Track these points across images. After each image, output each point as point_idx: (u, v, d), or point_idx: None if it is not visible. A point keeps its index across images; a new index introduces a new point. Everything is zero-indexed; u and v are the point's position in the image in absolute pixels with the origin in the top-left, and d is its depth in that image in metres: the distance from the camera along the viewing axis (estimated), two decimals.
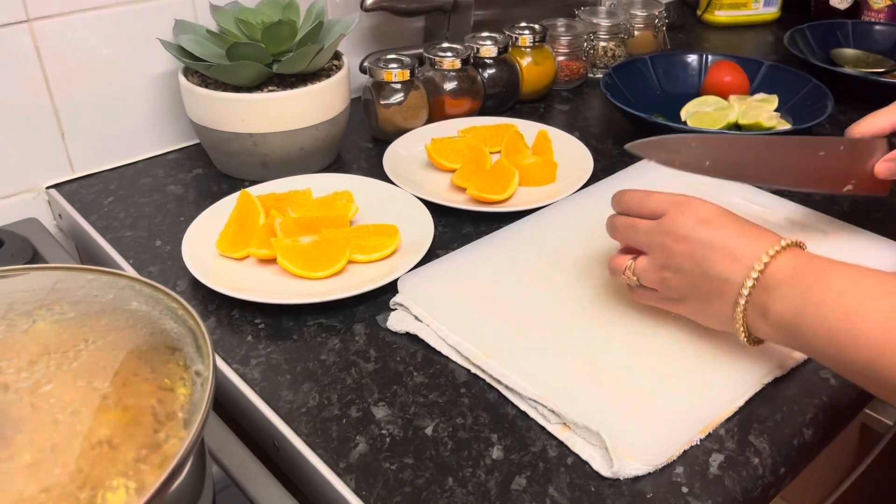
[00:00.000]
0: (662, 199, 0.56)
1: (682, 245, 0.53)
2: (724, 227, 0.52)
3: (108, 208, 0.78)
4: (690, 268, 0.52)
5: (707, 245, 0.52)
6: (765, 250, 0.50)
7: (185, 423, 0.36)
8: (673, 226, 0.53)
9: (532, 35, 0.98)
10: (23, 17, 0.74)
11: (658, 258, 0.54)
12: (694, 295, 0.54)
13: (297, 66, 0.78)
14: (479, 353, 0.57)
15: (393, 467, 0.50)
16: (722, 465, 0.49)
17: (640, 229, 0.56)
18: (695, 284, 0.53)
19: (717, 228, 0.52)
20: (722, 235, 0.52)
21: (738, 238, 0.51)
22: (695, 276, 0.52)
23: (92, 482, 0.33)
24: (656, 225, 0.54)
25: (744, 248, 0.51)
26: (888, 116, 0.62)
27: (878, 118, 0.62)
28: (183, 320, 0.43)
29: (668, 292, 0.55)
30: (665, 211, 0.55)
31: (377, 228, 0.69)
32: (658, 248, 0.54)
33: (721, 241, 0.52)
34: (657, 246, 0.54)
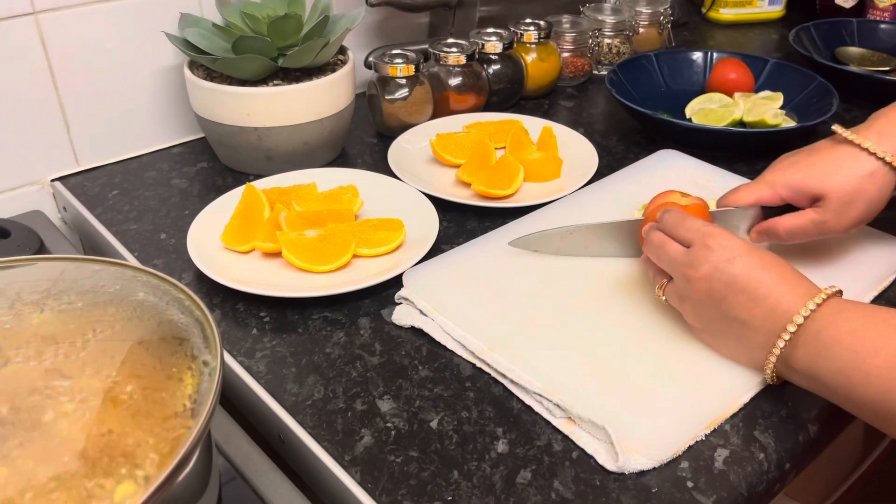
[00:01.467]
0: (693, 228, 0.55)
1: (704, 283, 0.52)
2: (748, 268, 0.51)
3: (113, 201, 0.78)
4: (710, 305, 0.53)
5: (728, 285, 0.51)
6: (796, 301, 0.49)
7: (192, 413, 0.36)
8: (697, 259, 0.53)
9: (537, 31, 0.98)
10: (29, 10, 0.74)
11: (680, 288, 0.55)
12: (711, 330, 0.54)
13: (302, 60, 0.78)
14: (483, 348, 0.57)
15: (398, 460, 0.50)
16: (727, 460, 0.49)
17: (668, 253, 0.56)
18: (712, 320, 0.53)
19: (740, 269, 0.51)
20: (745, 277, 0.51)
21: (762, 282, 0.51)
22: (713, 313, 0.53)
23: (101, 471, 0.33)
24: (683, 255, 0.54)
25: (766, 291, 0.50)
26: (752, 193, 0.63)
27: (743, 194, 0.63)
28: (190, 311, 0.43)
29: (689, 320, 0.56)
30: (693, 241, 0.54)
31: (382, 223, 0.69)
32: (681, 279, 0.54)
33: (744, 283, 0.51)
34: (680, 276, 0.54)
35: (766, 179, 0.63)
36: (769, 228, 0.62)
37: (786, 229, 0.61)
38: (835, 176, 0.59)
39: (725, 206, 0.64)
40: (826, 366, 0.47)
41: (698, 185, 0.77)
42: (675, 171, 0.80)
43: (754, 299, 0.51)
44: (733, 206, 0.63)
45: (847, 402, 0.47)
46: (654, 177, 0.78)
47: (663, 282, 0.57)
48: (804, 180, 0.60)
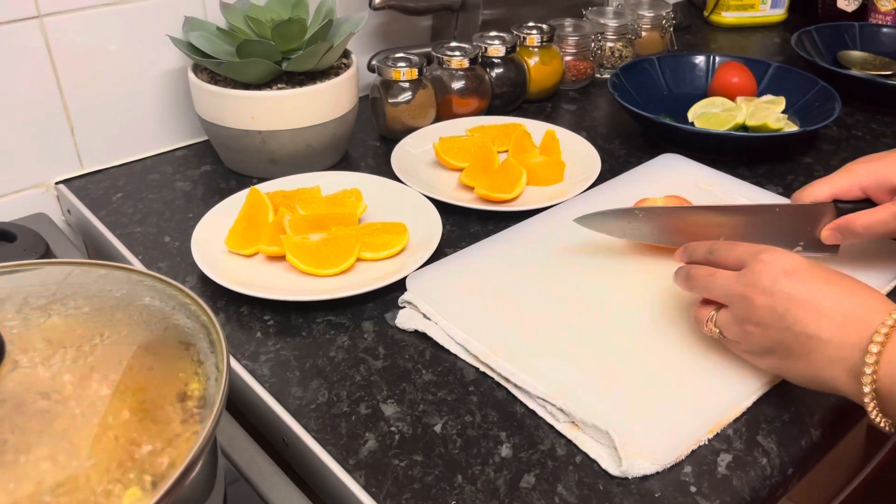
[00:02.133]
0: (745, 250, 0.53)
1: (765, 298, 0.50)
2: (810, 279, 0.49)
3: (117, 204, 0.78)
4: (772, 322, 0.49)
5: (791, 298, 0.49)
6: (870, 311, 0.46)
7: (199, 418, 0.37)
8: (755, 277, 0.50)
9: (540, 35, 0.98)
10: (34, 13, 0.75)
11: (738, 311, 0.52)
12: (778, 351, 0.50)
13: (306, 64, 0.78)
14: (487, 352, 0.57)
15: (402, 464, 0.50)
16: (730, 464, 0.50)
17: (720, 280, 0.53)
18: (778, 340, 0.50)
19: (801, 281, 0.49)
20: (807, 289, 0.49)
21: (828, 293, 0.48)
22: (778, 331, 0.49)
23: (108, 475, 0.33)
24: (737, 276, 0.52)
25: (833, 302, 0.48)
26: (829, 186, 0.60)
27: (818, 187, 0.61)
28: (196, 315, 0.43)
29: (751, 346, 0.52)
30: (746, 262, 0.52)
31: (385, 226, 0.70)
32: (739, 301, 0.51)
33: (806, 295, 0.49)
34: (738, 298, 0.51)
35: (844, 171, 0.60)
36: (845, 225, 0.59)
37: (864, 224, 0.58)
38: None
39: (799, 200, 0.61)
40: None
41: (701, 189, 0.77)
42: (677, 175, 0.80)
43: (820, 310, 0.48)
44: (809, 201, 0.60)
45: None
46: (657, 181, 0.79)
47: (712, 314, 0.54)
48: (886, 172, 0.58)
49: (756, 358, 0.53)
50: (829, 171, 0.84)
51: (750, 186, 0.78)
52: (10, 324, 0.39)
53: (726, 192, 0.77)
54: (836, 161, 0.87)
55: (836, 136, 0.93)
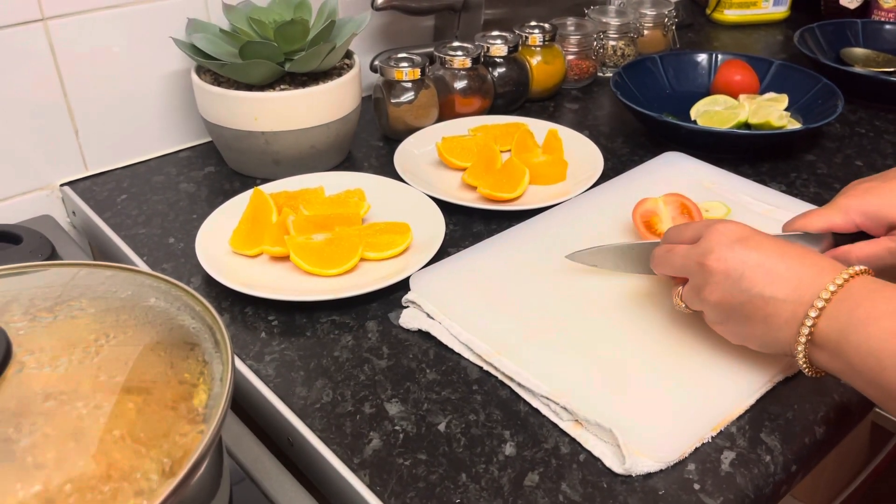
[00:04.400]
0: (697, 225, 0.55)
1: (719, 264, 0.51)
2: (762, 246, 0.51)
3: (122, 206, 0.79)
4: (728, 287, 0.51)
5: (745, 263, 0.50)
6: (823, 274, 0.48)
7: (205, 418, 0.37)
8: (708, 245, 0.52)
9: (542, 34, 0.98)
10: (38, 16, 0.75)
11: (696, 280, 0.53)
12: (734, 316, 0.52)
13: (309, 64, 0.78)
14: (490, 351, 0.57)
15: (406, 463, 0.50)
16: (734, 462, 0.50)
17: (677, 253, 0.55)
18: (736, 304, 0.51)
19: (753, 248, 0.51)
20: (759, 255, 0.50)
21: (782, 258, 0.50)
22: (734, 295, 0.51)
23: (115, 475, 0.33)
24: (692, 248, 0.54)
25: (786, 266, 0.49)
26: (823, 220, 0.59)
27: (813, 220, 0.59)
28: (200, 316, 0.43)
29: (711, 314, 0.53)
30: (700, 233, 0.54)
31: (389, 226, 0.70)
32: (695, 270, 0.53)
33: (758, 259, 0.50)
34: (694, 268, 0.53)
35: (839, 205, 0.59)
36: (840, 256, 0.58)
37: (859, 258, 0.57)
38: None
39: (793, 230, 0.61)
40: (857, 344, 0.45)
41: (703, 187, 0.77)
42: (680, 174, 0.80)
43: (774, 273, 0.49)
44: (802, 230, 0.60)
45: (872, 386, 0.45)
46: (660, 179, 0.79)
47: (679, 289, 0.56)
48: (880, 206, 0.57)
49: (719, 326, 0.54)
50: (833, 169, 0.84)
51: (753, 184, 0.78)
52: (16, 325, 0.40)
53: (729, 190, 0.77)
54: (839, 158, 0.87)
55: (840, 134, 0.93)
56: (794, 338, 0.49)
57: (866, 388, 0.46)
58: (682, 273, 0.55)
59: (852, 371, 0.46)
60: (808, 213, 0.61)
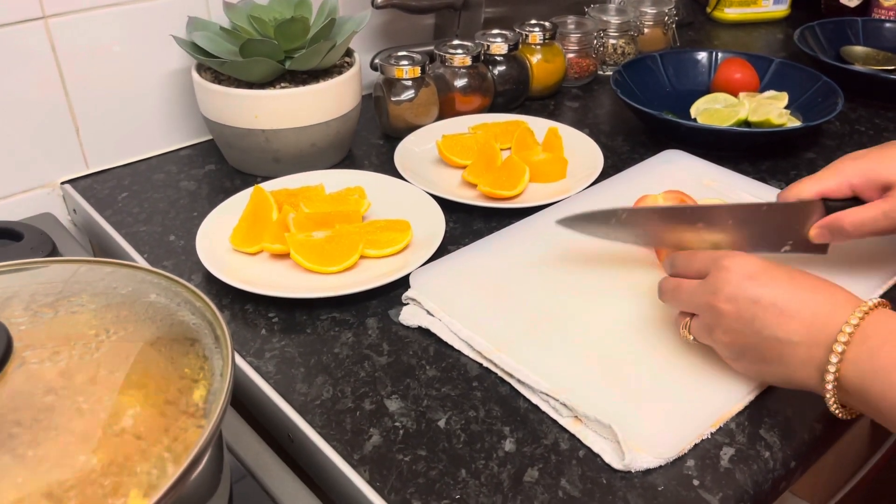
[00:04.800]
0: (705, 258, 0.53)
1: (729, 305, 0.50)
2: (773, 282, 0.49)
3: (123, 203, 0.79)
4: (740, 328, 0.49)
5: (756, 303, 0.49)
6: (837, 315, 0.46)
7: (205, 413, 0.37)
8: (717, 284, 0.50)
9: (542, 32, 0.98)
10: (38, 14, 0.75)
11: (707, 319, 0.52)
12: (750, 356, 0.50)
13: (309, 62, 0.79)
14: (490, 348, 0.57)
15: (406, 459, 0.50)
16: (733, 458, 0.50)
17: (685, 291, 0.53)
18: (749, 345, 0.50)
19: (764, 285, 0.49)
20: (771, 292, 0.49)
21: (793, 295, 0.48)
22: (747, 337, 0.49)
23: (115, 469, 0.33)
24: (701, 285, 0.52)
25: (798, 304, 0.48)
26: (816, 184, 0.59)
27: (805, 185, 0.59)
28: (201, 312, 0.44)
29: (724, 352, 0.52)
30: (707, 269, 0.52)
31: (389, 224, 0.70)
32: (705, 309, 0.51)
33: (770, 298, 0.48)
34: (704, 307, 0.51)
35: (832, 168, 0.59)
36: (833, 223, 0.58)
37: (853, 222, 0.57)
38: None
39: (786, 199, 0.59)
40: (882, 392, 0.43)
41: (703, 185, 0.78)
42: (680, 171, 0.80)
43: (786, 313, 0.48)
44: (795, 198, 0.59)
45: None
46: (660, 177, 0.79)
47: (686, 320, 0.54)
48: (875, 169, 0.57)
49: (734, 363, 0.52)
50: None
51: (753, 182, 0.78)
52: (17, 321, 0.40)
53: (729, 188, 0.77)
54: (838, 156, 0.85)
55: (839, 132, 0.93)
56: (815, 380, 0.47)
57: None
58: (690, 310, 0.54)
59: (881, 416, 0.45)
60: (801, 180, 0.60)
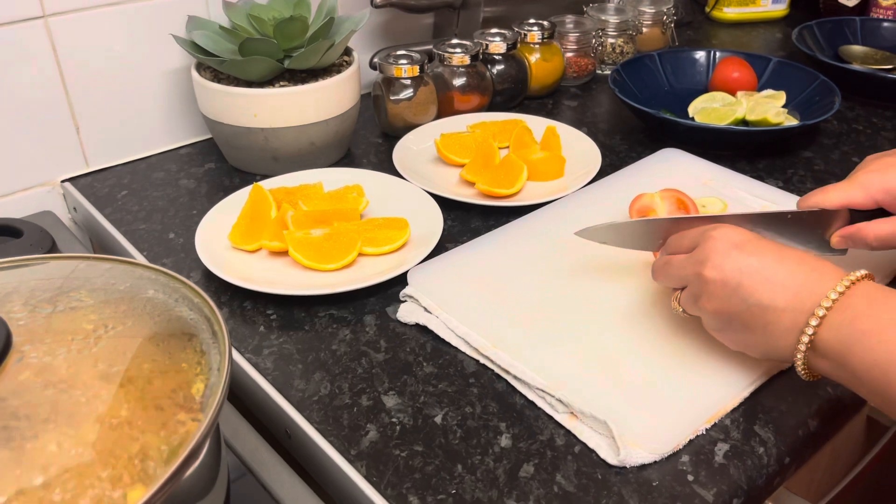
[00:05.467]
0: (693, 232, 0.54)
1: (715, 272, 0.50)
2: (759, 251, 0.50)
3: (122, 202, 0.79)
4: (726, 295, 0.50)
5: (742, 271, 0.49)
6: (823, 281, 0.47)
7: (202, 407, 0.37)
8: (704, 254, 0.51)
9: (541, 31, 0.98)
10: (38, 13, 0.75)
11: (694, 289, 0.52)
12: (734, 325, 0.51)
13: (308, 61, 0.79)
14: (487, 344, 0.57)
15: (403, 454, 0.51)
16: (727, 454, 0.50)
17: (674, 264, 0.54)
18: (734, 313, 0.50)
19: (750, 254, 0.50)
20: (757, 261, 0.49)
21: (780, 264, 0.49)
22: (733, 304, 0.50)
23: (113, 462, 0.34)
24: (689, 257, 0.53)
25: (786, 273, 0.48)
26: (841, 195, 0.58)
27: (830, 195, 0.58)
28: (198, 308, 0.44)
29: (709, 322, 0.53)
30: (695, 241, 0.53)
31: (387, 222, 0.70)
32: (693, 279, 0.52)
33: (756, 266, 0.49)
34: (691, 277, 0.52)
35: (859, 180, 0.58)
36: (855, 234, 0.57)
37: (876, 235, 0.56)
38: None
39: (809, 206, 0.59)
40: (861, 356, 0.44)
41: (701, 183, 0.78)
42: (677, 170, 0.80)
43: (772, 281, 0.48)
44: (818, 207, 0.58)
45: (878, 397, 0.44)
46: (657, 175, 0.79)
47: (677, 293, 0.55)
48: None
49: (719, 333, 0.53)
50: (829, 165, 0.85)
51: (750, 180, 0.78)
52: (16, 316, 0.40)
53: (726, 187, 0.77)
54: (836, 155, 0.87)
55: (837, 131, 0.93)
56: (794, 345, 0.48)
57: (872, 397, 0.45)
58: (680, 283, 0.54)
59: (858, 381, 0.45)
60: (825, 188, 0.59)
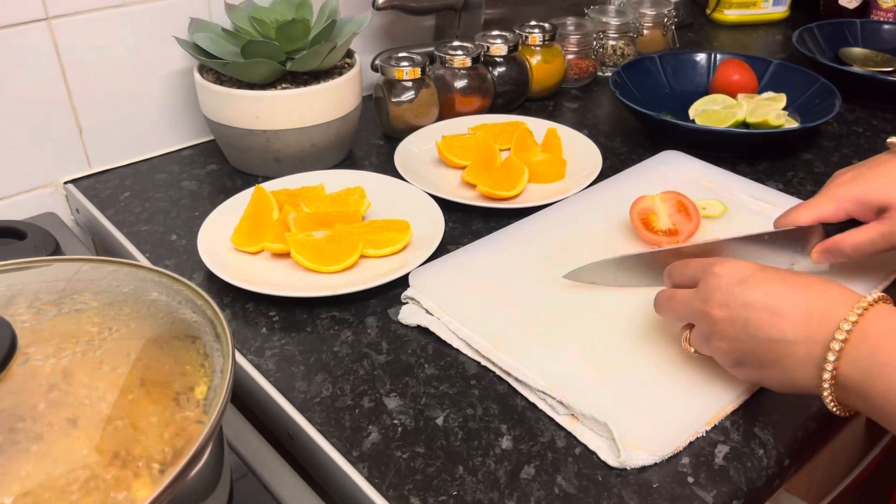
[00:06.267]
0: (696, 265, 0.53)
1: (722, 311, 0.49)
2: (763, 284, 0.49)
3: (125, 203, 0.80)
4: (735, 333, 0.49)
5: (748, 306, 0.48)
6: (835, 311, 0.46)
7: (205, 409, 0.38)
8: (709, 292, 0.50)
9: (542, 33, 0.99)
10: (42, 16, 0.76)
11: (702, 328, 0.51)
12: (750, 362, 0.50)
13: (310, 63, 0.79)
14: (488, 346, 0.58)
15: (404, 456, 0.51)
16: (727, 456, 0.50)
17: (679, 301, 0.53)
18: (746, 350, 0.49)
19: (754, 288, 0.49)
20: (762, 294, 0.48)
21: (785, 294, 0.48)
22: (743, 342, 0.49)
23: (118, 464, 0.34)
24: (693, 294, 0.52)
25: (791, 303, 0.47)
26: (813, 211, 0.59)
27: (803, 213, 0.60)
28: (201, 310, 0.44)
29: (724, 360, 0.52)
30: (698, 277, 0.52)
31: (389, 224, 0.71)
32: (700, 318, 0.51)
33: (761, 300, 0.48)
34: (698, 315, 0.51)
35: (827, 194, 0.59)
36: (833, 247, 0.59)
37: (852, 245, 0.58)
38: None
39: (783, 226, 0.60)
40: (884, 390, 0.43)
41: (701, 185, 0.78)
42: (678, 172, 0.81)
43: (779, 313, 0.47)
44: (792, 225, 0.59)
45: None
46: (658, 177, 0.79)
47: (687, 333, 0.54)
48: (869, 192, 0.57)
49: (737, 371, 0.52)
50: (830, 168, 0.85)
51: (750, 183, 0.79)
52: (21, 318, 0.41)
53: (727, 189, 0.77)
54: (836, 157, 0.88)
55: (837, 133, 0.93)
56: (815, 380, 0.46)
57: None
58: (685, 320, 0.54)
59: (881, 415, 0.44)
60: (797, 206, 0.60)
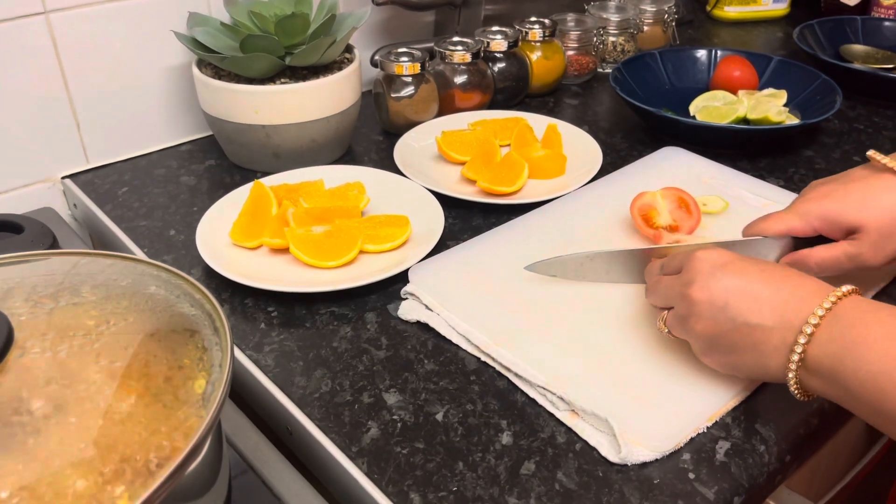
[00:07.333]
0: (680, 253, 0.55)
1: (702, 293, 0.50)
2: (744, 271, 0.50)
3: (123, 198, 0.79)
4: (713, 315, 0.50)
5: (728, 290, 0.49)
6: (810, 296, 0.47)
7: (204, 403, 0.37)
8: (690, 275, 0.51)
9: (542, 29, 0.98)
10: (40, 10, 0.75)
11: (680, 310, 0.52)
12: (721, 345, 0.50)
13: (309, 58, 0.79)
14: (488, 342, 0.57)
15: (404, 452, 0.51)
16: (728, 452, 0.50)
17: (662, 285, 0.54)
18: (721, 333, 0.50)
19: (735, 274, 0.50)
20: (742, 280, 0.49)
21: (765, 282, 0.49)
22: (720, 324, 0.49)
23: (115, 458, 0.34)
24: (676, 278, 0.53)
25: (772, 290, 0.48)
26: (782, 224, 0.59)
27: (773, 224, 0.59)
28: (200, 304, 0.44)
29: (696, 344, 0.52)
30: (682, 263, 0.53)
31: (388, 219, 0.70)
32: (679, 300, 0.52)
33: (742, 285, 0.49)
34: (678, 298, 0.52)
35: (798, 209, 0.59)
36: (800, 260, 0.59)
37: (818, 262, 0.58)
38: (872, 208, 0.56)
39: (753, 234, 0.60)
40: (854, 370, 0.43)
41: (701, 182, 0.78)
42: (678, 169, 0.81)
43: (759, 299, 0.48)
44: (761, 235, 0.60)
45: (875, 414, 0.43)
46: (658, 174, 0.79)
47: (664, 313, 0.55)
48: (840, 211, 0.57)
49: (707, 356, 0.52)
50: (831, 164, 0.85)
51: (751, 179, 0.78)
52: (18, 311, 0.40)
53: (727, 185, 0.77)
54: (837, 154, 0.87)
55: (838, 130, 0.93)
56: (784, 364, 0.47)
57: (868, 415, 0.45)
58: (666, 303, 0.54)
59: (851, 397, 0.45)
60: (767, 216, 0.60)
